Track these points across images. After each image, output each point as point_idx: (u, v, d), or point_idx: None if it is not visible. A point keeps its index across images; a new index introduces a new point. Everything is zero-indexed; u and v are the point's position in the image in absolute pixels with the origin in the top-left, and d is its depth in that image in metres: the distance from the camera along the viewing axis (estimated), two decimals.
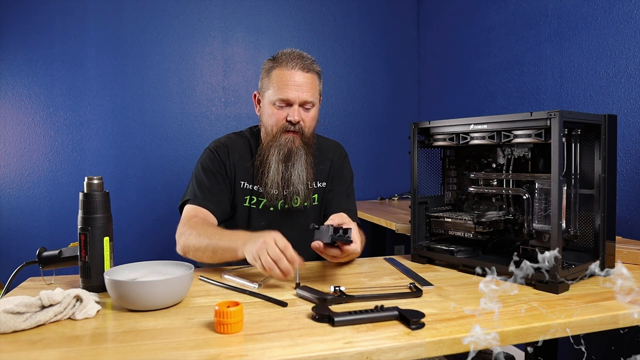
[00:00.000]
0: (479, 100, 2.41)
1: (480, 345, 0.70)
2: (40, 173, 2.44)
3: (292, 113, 1.27)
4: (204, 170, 1.32)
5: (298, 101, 1.27)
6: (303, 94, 1.27)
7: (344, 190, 1.41)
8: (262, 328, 0.76)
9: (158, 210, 2.57)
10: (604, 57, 1.69)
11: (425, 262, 1.21)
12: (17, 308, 0.75)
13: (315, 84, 1.31)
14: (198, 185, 1.30)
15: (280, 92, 1.26)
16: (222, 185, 1.32)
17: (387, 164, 2.95)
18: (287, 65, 1.27)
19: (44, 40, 2.42)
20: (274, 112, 1.29)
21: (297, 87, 1.26)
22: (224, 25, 2.67)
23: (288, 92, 1.26)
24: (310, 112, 1.31)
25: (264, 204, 1.34)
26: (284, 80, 1.27)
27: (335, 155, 1.44)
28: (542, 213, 1.06)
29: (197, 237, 1.14)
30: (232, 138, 1.40)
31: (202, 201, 1.27)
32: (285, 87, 1.26)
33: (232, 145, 1.37)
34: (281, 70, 1.28)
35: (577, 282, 1.00)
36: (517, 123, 1.03)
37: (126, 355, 0.66)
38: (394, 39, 2.98)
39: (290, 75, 1.27)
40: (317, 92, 1.32)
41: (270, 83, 1.29)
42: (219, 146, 1.36)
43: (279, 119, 1.28)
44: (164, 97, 2.59)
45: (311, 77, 1.29)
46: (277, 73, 1.28)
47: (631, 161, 1.59)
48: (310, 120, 1.31)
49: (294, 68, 1.27)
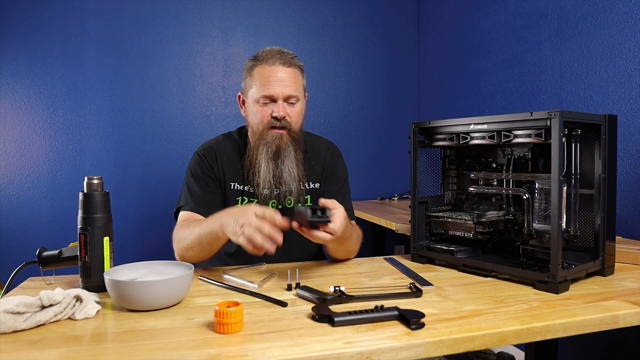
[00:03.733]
0: (479, 100, 2.41)
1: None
2: (40, 173, 2.44)
3: (277, 108, 1.26)
4: (193, 176, 1.33)
5: (282, 96, 1.26)
6: (286, 88, 1.26)
7: (338, 190, 1.41)
8: (262, 328, 0.76)
9: (158, 210, 2.57)
10: (604, 57, 1.69)
11: (425, 262, 1.21)
12: (17, 308, 0.75)
13: (298, 78, 1.30)
14: (189, 191, 1.31)
15: (263, 88, 1.26)
16: (212, 188, 1.32)
17: (387, 164, 2.95)
18: (267, 61, 1.27)
19: (44, 40, 2.42)
20: (259, 110, 1.28)
21: (279, 82, 1.26)
22: (224, 25, 2.67)
23: (271, 87, 1.25)
24: (295, 107, 1.30)
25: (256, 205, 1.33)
26: (266, 76, 1.26)
27: (327, 155, 1.43)
28: (542, 213, 1.06)
29: (186, 237, 1.15)
30: (219, 140, 1.40)
31: (193, 206, 1.27)
32: (268, 84, 1.26)
33: (220, 147, 1.37)
34: (262, 67, 1.27)
35: (577, 282, 1.00)
36: (517, 123, 1.03)
37: (126, 355, 0.66)
38: (394, 39, 2.98)
39: (272, 71, 1.26)
40: (300, 87, 1.31)
41: (253, 81, 1.29)
42: (206, 150, 1.36)
43: (264, 116, 1.28)
44: (164, 97, 2.59)
45: (293, 72, 1.29)
46: (258, 71, 1.28)
47: (631, 161, 1.59)
48: (296, 115, 1.30)
49: (274, 64, 1.27)
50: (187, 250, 1.15)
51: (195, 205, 1.27)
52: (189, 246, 1.14)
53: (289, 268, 1.12)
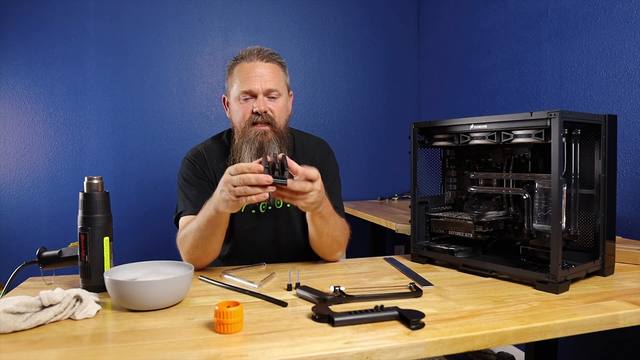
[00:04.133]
0: (479, 100, 2.41)
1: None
2: (40, 173, 2.44)
3: (258, 103, 1.25)
4: (187, 181, 1.33)
5: (262, 90, 1.26)
6: (266, 83, 1.26)
7: (328, 187, 1.38)
8: (262, 328, 0.76)
9: (158, 210, 2.57)
10: (604, 57, 1.69)
11: (425, 262, 1.21)
12: (17, 308, 0.75)
13: (278, 74, 1.29)
14: (185, 196, 1.31)
15: (242, 84, 1.26)
16: (207, 189, 1.31)
17: (387, 164, 2.95)
18: (246, 59, 1.28)
19: (44, 40, 2.42)
20: (240, 107, 1.27)
21: (258, 77, 1.25)
22: (224, 25, 2.67)
23: (250, 83, 1.25)
24: (277, 102, 1.29)
25: (245, 207, 1.31)
26: (244, 73, 1.26)
27: (316, 155, 1.41)
28: (542, 213, 1.06)
29: (188, 237, 1.14)
30: (207, 144, 1.40)
31: (193, 209, 1.26)
32: (247, 79, 1.25)
33: (208, 151, 1.37)
34: (241, 65, 1.28)
35: (577, 282, 1.00)
36: (517, 123, 1.03)
37: (126, 355, 0.66)
38: (394, 39, 2.98)
39: (251, 67, 1.26)
40: (282, 82, 1.30)
41: (233, 80, 1.29)
42: (195, 155, 1.36)
43: (245, 112, 1.27)
44: (164, 97, 2.59)
45: (272, 67, 1.28)
46: (238, 69, 1.28)
47: (631, 161, 1.59)
48: (278, 110, 1.28)
49: (252, 60, 1.27)
50: (193, 249, 1.14)
51: (194, 208, 1.26)
52: (193, 245, 1.14)
53: (289, 268, 1.12)
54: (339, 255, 1.26)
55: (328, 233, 1.18)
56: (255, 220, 1.33)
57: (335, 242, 1.22)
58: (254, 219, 1.33)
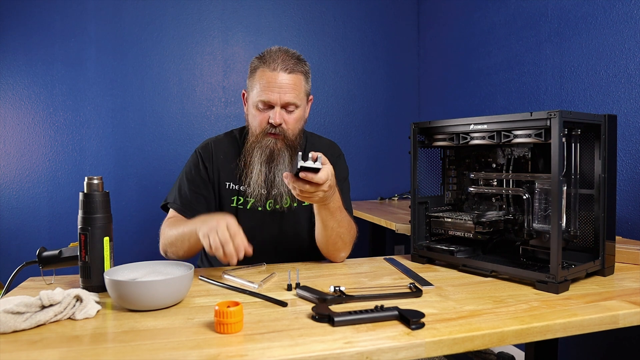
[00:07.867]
0: (479, 100, 2.41)
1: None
2: (40, 173, 2.44)
3: (274, 116, 1.25)
4: (187, 174, 1.35)
5: (280, 103, 1.25)
6: (285, 95, 1.25)
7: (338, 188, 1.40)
8: (262, 328, 0.76)
9: (158, 210, 2.56)
10: (604, 57, 1.69)
11: (425, 262, 1.21)
12: (17, 308, 0.75)
13: (299, 85, 1.28)
14: (179, 190, 1.34)
15: (261, 93, 1.25)
16: (202, 190, 1.33)
17: (387, 164, 2.95)
18: (269, 65, 1.26)
19: (44, 40, 2.42)
20: (257, 114, 1.28)
21: (279, 89, 1.24)
22: (224, 25, 2.67)
23: (270, 94, 1.24)
24: (293, 114, 1.29)
25: (252, 204, 1.34)
26: (266, 81, 1.25)
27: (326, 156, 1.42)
28: (542, 213, 1.06)
29: (171, 234, 1.20)
30: (219, 139, 1.41)
31: (180, 207, 1.31)
32: (267, 89, 1.24)
33: (218, 146, 1.38)
34: (264, 70, 1.26)
35: (577, 282, 1.00)
36: (517, 123, 1.03)
37: (126, 355, 0.66)
38: (394, 39, 2.98)
39: (273, 77, 1.24)
40: (302, 93, 1.29)
41: (254, 83, 1.28)
42: (204, 148, 1.38)
43: (261, 121, 1.27)
44: (164, 97, 2.59)
45: (295, 78, 1.27)
46: (260, 73, 1.27)
47: (631, 161, 1.59)
48: (293, 122, 1.29)
49: (275, 69, 1.25)
50: (170, 246, 1.21)
51: (181, 206, 1.31)
52: (171, 242, 1.20)
53: (289, 268, 1.12)
54: (342, 256, 1.25)
55: (333, 227, 1.18)
56: (261, 218, 1.34)
57: (340, 239, 1.21)
58: (259, 217, 1.34)
